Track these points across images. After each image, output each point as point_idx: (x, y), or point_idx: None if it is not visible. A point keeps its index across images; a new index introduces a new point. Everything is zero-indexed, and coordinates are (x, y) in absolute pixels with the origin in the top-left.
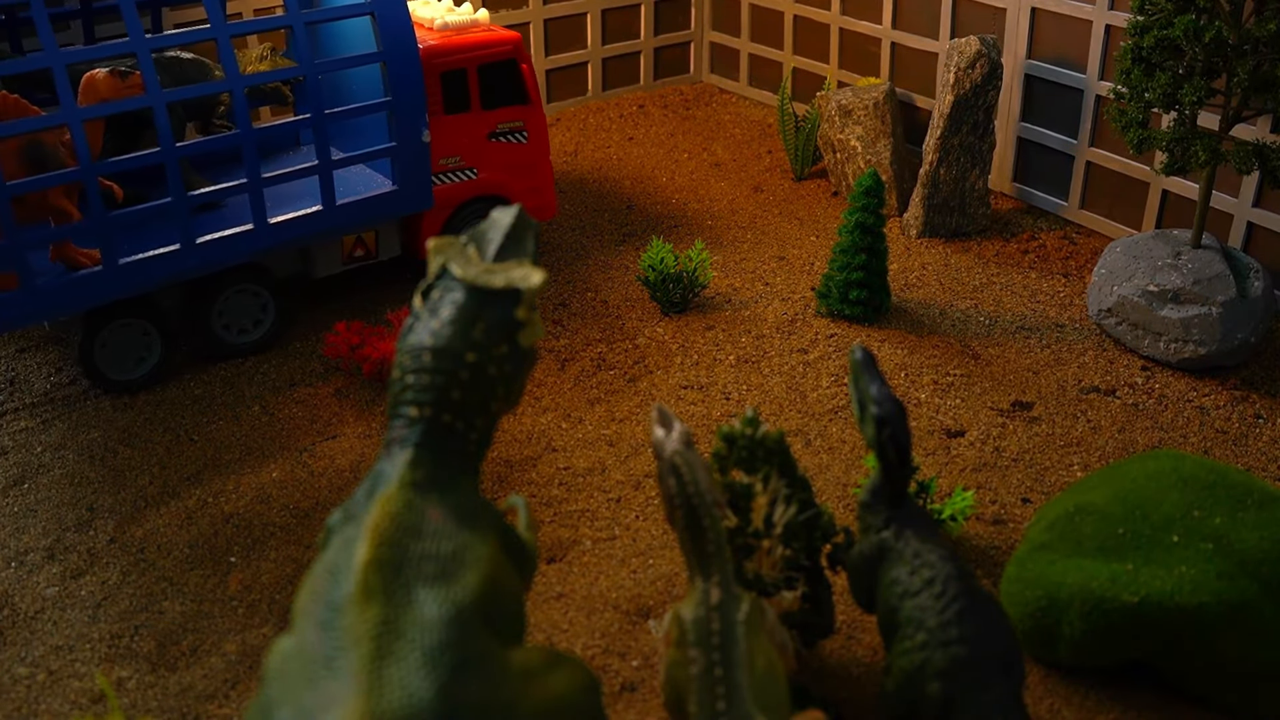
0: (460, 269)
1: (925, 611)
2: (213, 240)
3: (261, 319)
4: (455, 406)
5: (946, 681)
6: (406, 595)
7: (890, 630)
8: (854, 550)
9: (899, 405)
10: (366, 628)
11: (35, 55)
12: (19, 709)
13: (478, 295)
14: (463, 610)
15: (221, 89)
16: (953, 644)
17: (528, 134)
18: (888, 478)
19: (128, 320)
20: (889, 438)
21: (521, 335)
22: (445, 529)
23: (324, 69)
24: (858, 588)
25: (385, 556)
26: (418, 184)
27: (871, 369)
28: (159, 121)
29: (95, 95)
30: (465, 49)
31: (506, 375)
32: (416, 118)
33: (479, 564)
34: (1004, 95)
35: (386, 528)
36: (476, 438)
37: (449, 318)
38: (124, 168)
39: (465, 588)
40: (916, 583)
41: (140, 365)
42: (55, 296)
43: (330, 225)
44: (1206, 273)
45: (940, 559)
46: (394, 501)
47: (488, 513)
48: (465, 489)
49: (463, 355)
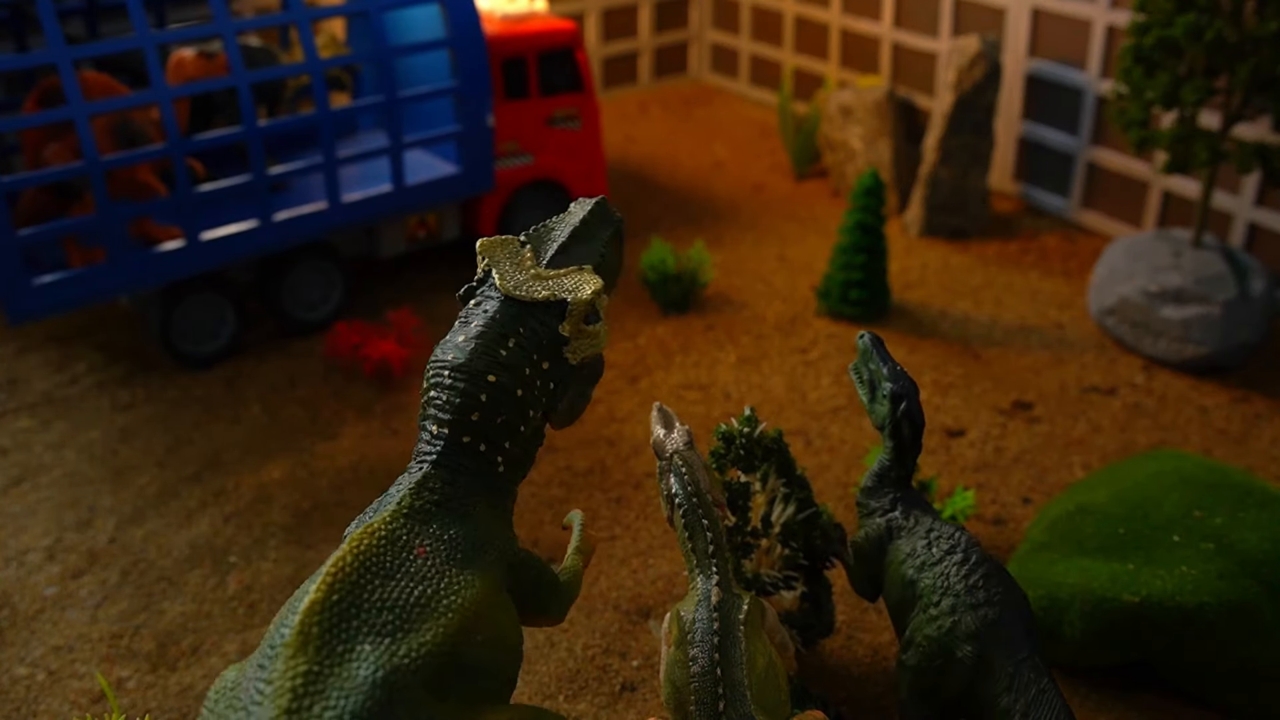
0: (501, 276)
1: (950, 577)
2: (288, 218)
3: (330, 296)
4: (475, 428)
5: (979, 643)
6: (347, 648)
7: (905, 607)
8: (858, 537)
9: (913, 382)
10: (289, 680)
11: (125, 38)
12: (19, 709)
13: (515, 307)
14: (402, 674)
15: (300, 71)
16: (982, 606)
17: (582, 121)
18: (899, 456)
19: (204, 295)
20: (904, 413)
21: (570, 351)
22: (425, 569)
23: (397, 54)
24: (862, 574)
25: (336, 601)
26: (481, 167)
27: (882, 350)
28: (243, 101)
29: (183, 75)
30: (526, 37)
31: (549, 394)
32: (482, 103)
33: (452, 613)
34: (1005, 95)
35: (349, 566)
36: (505, 461)
37: (476, 332)
38: (211, 145)
39: (417, 646)
40: (936, 552)
41: (214, 340)
42: (140, 270)
43: (399, 206)
44: (1207, 272)
45: (956, 528)
46: (375, 535)
47: (497, 547)
48: (480, 518)
49: (484, 376)
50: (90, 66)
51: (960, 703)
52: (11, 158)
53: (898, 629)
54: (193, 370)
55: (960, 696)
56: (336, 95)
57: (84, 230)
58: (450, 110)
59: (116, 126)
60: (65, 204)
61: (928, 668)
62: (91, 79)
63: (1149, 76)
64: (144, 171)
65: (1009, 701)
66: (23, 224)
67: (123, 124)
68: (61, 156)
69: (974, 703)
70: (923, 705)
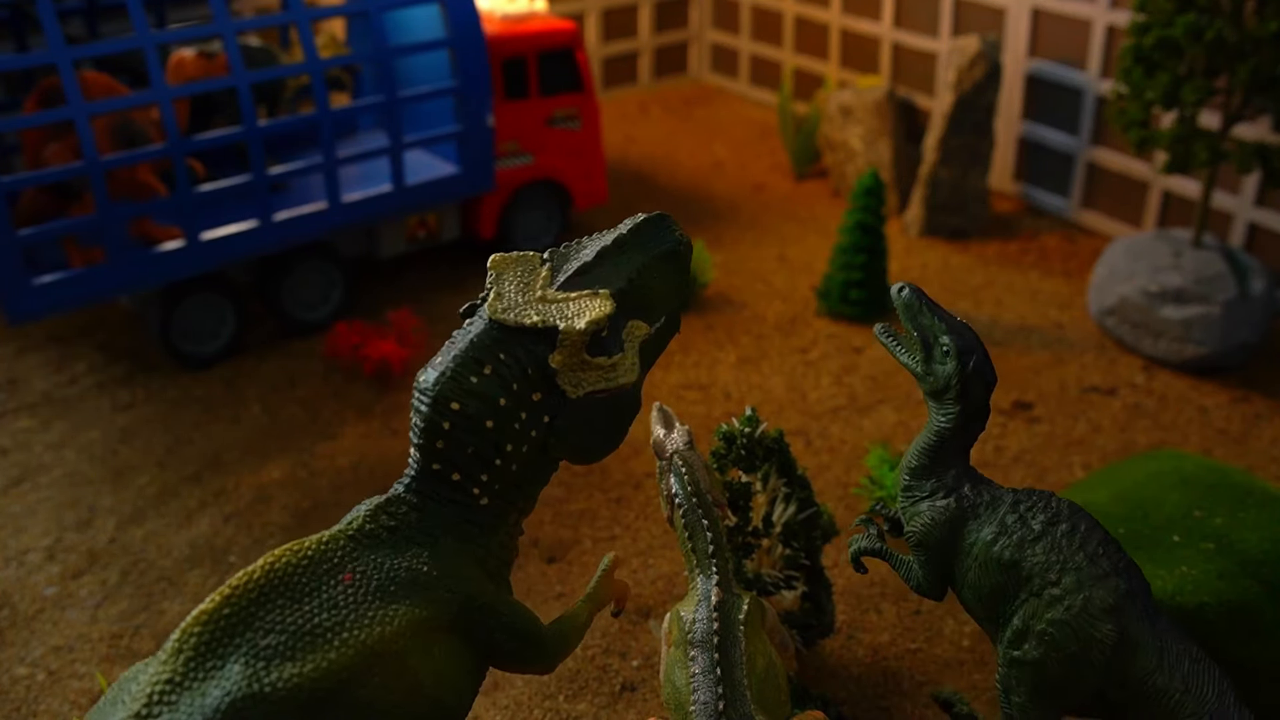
0: (495, 296)
1: (1064, 550)
2: (288, 218)
3: (330, 296)
4: (443, 456)
5: (1118, 618)
6: (219, 664)
7: (1002, 595)
8: (915, 527)
9: (975, 333)
10: (148, 689)
11: (125, 38)
12: (19, 709)
13: (498, 332)
14: (259, 702)
15: (300, 71)
16: (1110, 576)
17: (582, 121)
18: (964, 423)
19: (204, 296)
20: (975, 369)
21: (567, 383)
22: (340, 598)
23: (397, 54)
24: (929, 570)
25: (226, 615)
26: (481, 167)
27: (930, 302)
28: (243, 101)
29: (183, 75)
30: (526, 37)
31: (541, 428)
32: (482, 103)
33: (346, 649)
34: (1005, 95)
35: (254, 581)
36: (486, 494)
37: (454, 354)
38: (211, 145)
39: (288, 676)
40: (1035, 525)
41: (215, 340)
42: (140, 270)
43: (399, 205)
44: (1207, 272)
45: (1046, 495)
46: (299, 553)
47: (450, 586)
48: (442, 552)
49: (447, 403)
50: (90, 66)
51: (1097, 694)
52: (11, 158)
53: (989, 625)
54: (193, 370)
55: (1099, 687)
56: (336, 95)
57: (84, 230)
58: (450, 110)
59: (116, 126)
60: (65, 204)
61: (1058, 659)
62: (91, 79)
63: (1149, 76)
64: (144, 171)
65: (1164, 680)
66: (23, 224)
67: (123, 124)
68: (61, 156)
69: (1119, 689)
70: (1050, 707)
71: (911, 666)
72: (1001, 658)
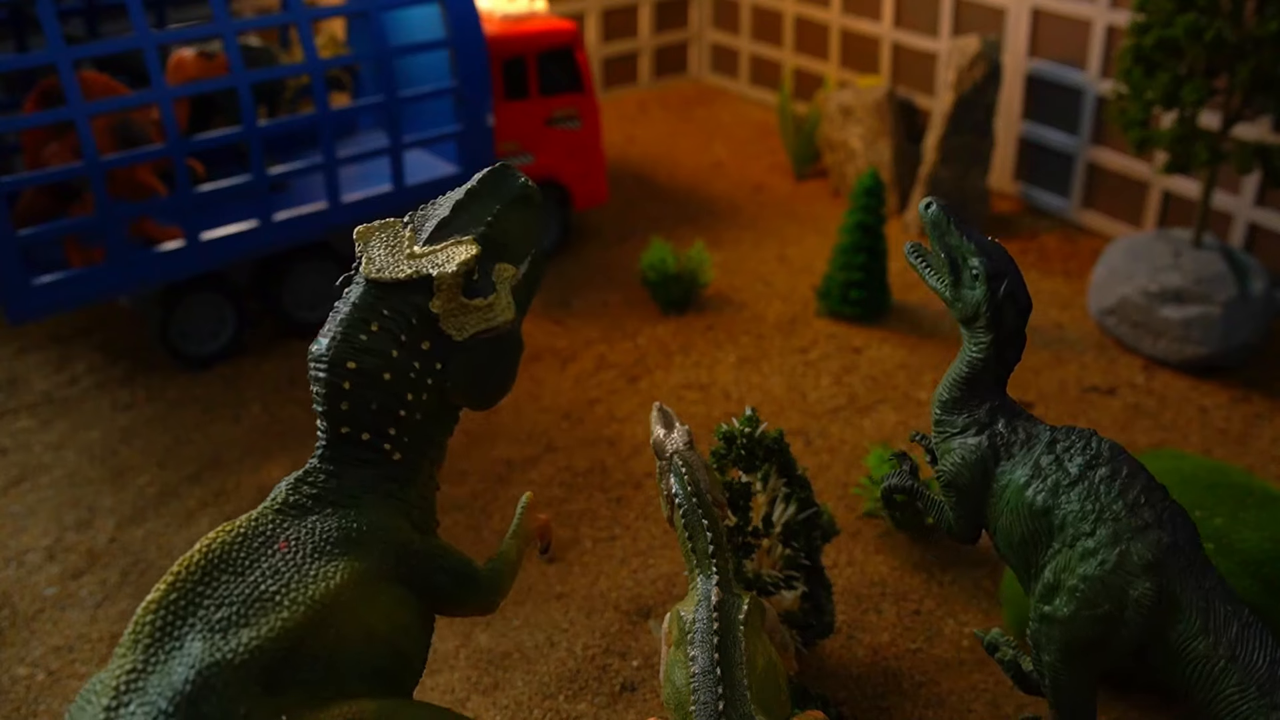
0: (368, 260)
1: (1101, 497)
2: (288, 218)
3: (330, 297)
4: (349, 418)
5: (1158, 575)
6: (176, 646)
7: (1034, 543)
8: (946, 465)
9: (1007, 253)
10: (115, 678)
11: (125, 38)
12: (19, 709)
13: (376, 290)
14: (223, 669)
15: (300, 71)
16: (1152, 528)
17: (582, 121)
18: (999, 351)
19: (204, 295)
20: (1007, 293)
21: (452, 328)
22: (280, 564)
23: (398, 54)
24: (961, 511)
25: (174, 600)
26: (481, 167)
27: (959, 220)
28: (243, 101)
29: (183, 75)
30: (526, 37)
31: (435, 374)
32: (482, 103)
33: (297, 606)
34: (1005, 95)
35: (194, 565)
36: (398, 448)
37: (339, 319)
38: (211, 145)
39: (246, 640)
40: (1072, 468)
41: (215, 340)
42: (140, 270)
43: (399, 205)
44: (1207, 272)
45: (1087, 433)
46: (231, 532)
47: (382, 539)
48: (367, 508)
49: (343, 364)
50: (90, 66)
51: (1135, 657)
52: (11, 158)
53: (1022, 574)
54: (193, 370)
55: (1135, 650)
56: (336, 95)
57: (84, 230)
58: (450, 110)
59: (116, 126)
60: (65, 204)
61: (1090, 617)
62: (91, 79)
63: (1149, 76)
64: (144, 171)
65: (1208, 644)
66: (23, 224)
67: (123, 124)
68: (61, 156)
69: (1159, 653)
70: (1082, 668)
71: (911, 666)
72: (1033, 612)
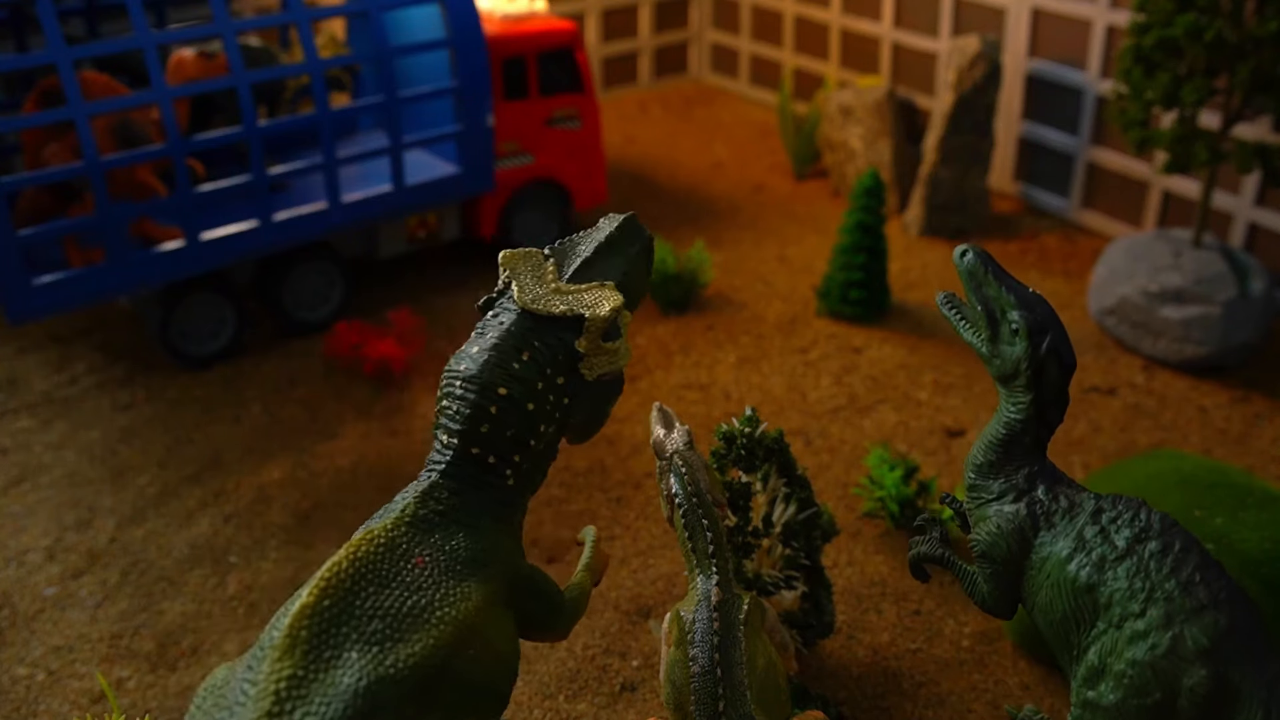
0: (520, 289)
1: (1152, 574)
2: (288, 218)
3: (330, 296)
4: (484, 440)
5: (1214, 662)
6: (335, 654)
7: (1076, 622)
8: (981, 534)
9: (1050, 307)
10: (274, 683)
11: (125, 38)
12: (19, 709)
13: (530, 321)
14: (387, 684)
15: (300, 71)
16: (1208, 609)
17: (582, 121)
18: (1039, 412)
19: (204, 295)
20: (1050, 349)
21: (586, 367)
22: (422, 579)
23: (398, 54)
24: (997, 585)
25: (327, 606)
26: (481, 167)
27: (998, 269)
28: (243, 102)
29: (183, 75)
30: (526, 37)
31: (563, 409)
32: (482, 103)
33: (445, 625)
34: (1005, 95)
35: (344, 572)
36: (515, 474)
37: (490, 344)
38: (211, 145)
39: (405, 656)
40: (1120, 541)
41: (214, 340)
42: (140, 270)
43: (399, 205)
44: (1207, 272)
45: (1136, 504)
46: (374, 541)
47: (500, 561)
48: (485, 531)
49: (494, 388)
50: (90, 66)
51: None
52: (12, 158)
53: (1063, 654)
54: (193, 370)
55: None
56: (336, 95)
57: (84, 230)
58: (450, 110)
59: (116, 126)
60: (65, 204)
61: (1139, 706)
62: (91, 79)
63: (1149, 76)
64: (144, 171)
65: None
66: (23, 224)
67: (123, 124)
68: (61, 156)
69: None
70: None
71: (911, 666)
72: (1074, 696)
